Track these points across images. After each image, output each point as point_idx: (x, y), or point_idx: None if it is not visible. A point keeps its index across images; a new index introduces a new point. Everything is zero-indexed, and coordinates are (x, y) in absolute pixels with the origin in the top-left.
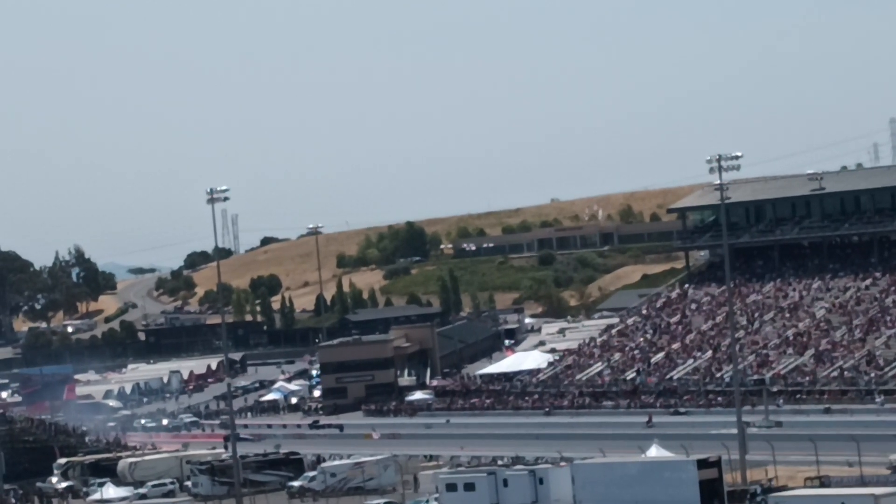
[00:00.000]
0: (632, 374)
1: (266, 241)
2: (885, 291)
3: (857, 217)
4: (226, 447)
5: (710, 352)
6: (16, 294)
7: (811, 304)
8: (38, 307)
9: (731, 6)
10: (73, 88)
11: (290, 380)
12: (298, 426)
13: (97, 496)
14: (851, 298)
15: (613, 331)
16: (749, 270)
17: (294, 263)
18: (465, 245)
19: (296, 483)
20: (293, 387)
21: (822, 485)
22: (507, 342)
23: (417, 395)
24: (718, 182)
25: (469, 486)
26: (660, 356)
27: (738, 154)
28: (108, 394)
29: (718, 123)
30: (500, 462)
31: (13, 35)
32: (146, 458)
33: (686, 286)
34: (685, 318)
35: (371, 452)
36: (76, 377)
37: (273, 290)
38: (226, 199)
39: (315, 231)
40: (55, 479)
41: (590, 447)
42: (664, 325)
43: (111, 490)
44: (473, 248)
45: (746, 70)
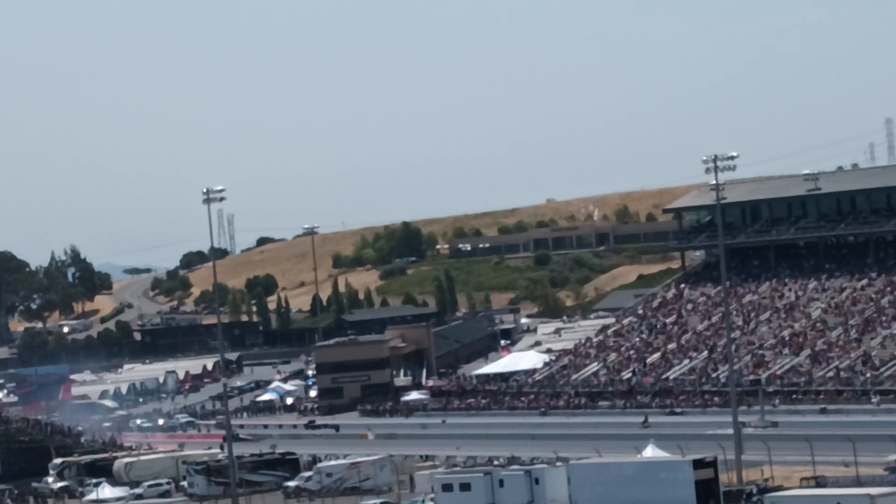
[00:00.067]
0: (628, 375)
1: (262, 242)
2: (881, 292)
3: (853, 217)
4: (221, 447)
5: (706, 352)
6: (12, 294)
7: (807, 305)
8: (34, 307)
9: (728, 7)
10: (69, 89)
11: (286, 380)
12: (294, 426)
13: (93, 496)
14: (847, 299)
15: (609, 331)
16: (745, 271)
17: (290, 263)
18: (461, 245)
19: (292, 483)
20: (289, 387)
21: (818, 485)
22: (503, 342)
23: (413, 396)
24: (714, 182)
25: (465, 487)
26: (656, 356)
27: (734, 154)
28: (104, 394)
29: (715, 124)
30: (496, 462)
31: (11, 35)
32: (142, 459)
33: (682, 286)
34: (681, 319)
35: (367, 452)
36: (72, 377)
37: (269, 291)
38: (222, 200)
39: (311, 231)
40: (51, 480)
41: (586, 447)
42: (660, 326)
43: (107, 490)
44: (469, 249)
45: (742, 71)
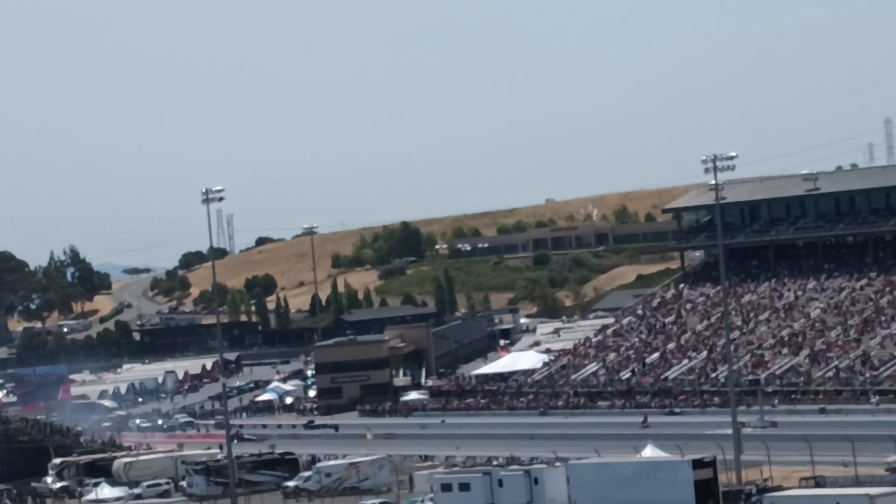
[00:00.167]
0: (627, 375)
1: (261, 242)
2: (880, 292)
3: (852, 217)
4: (221, 447)
5: (706, 352)
6: (11, 294)
7: (806, 305)
8: (33, 307)
9: (726, 7)
10: (68, 89)
11: (285, 380)
12: (293, 426)
13: (92, 496)
14: (846, 299)
15: (608, 331)
16: (744, 270)
17: (289, 263)
18: (460, 245)
19: (291, 483)
20: (288, 387)
21: (818, 485)
22: (502, 342)
23: (412, 396)
24: (713, 182)
25: (464, 487)
26: (655, 356)
27: (734, 154)
28: (103, 394)
29: (714, 124)
30: (496, 462)
31: (11, 35)
32: (141, 459)
33: (681, 286)
34: (680, 319)
35: (366, 452)
36: (71, 377)
37: (268, 291)
38: (221, 200)
39: (310, 231)
40: (50, 480)
41: (585, 447)
42: (659, 326)
43: (106, 490)
44: (468, 249)
45: (741, 71)
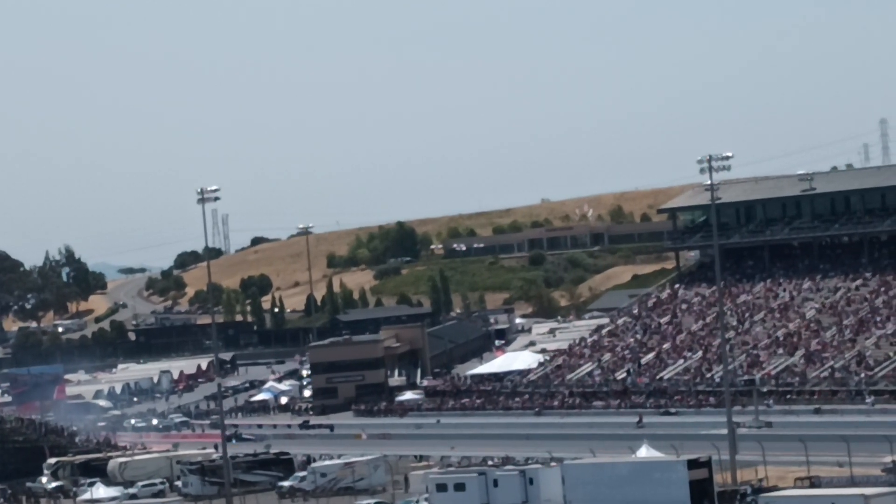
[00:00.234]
0: (622, 375)
1: (256, 241)
2: (875, 292)
3: (848, 218)
4: (216, 447)
5: (701, 352)
6: (6, 294)
7: (801, 305)
8: (29, 307)
9: (723, 8)
10: (65, 89)
11: (281, 380)
12: (289, 426)
13: (87, 496)
14: (842, 299)
15: (604, 331)
16: (739, 271)
17: (284, 263)
18: (456, 245)
19: (286, 483)
20: (283, 387)
21: (813, 485)
22: (498, 342)
23: (408, 396)
24: (709, 182)
25: (459, 487)
26: (650, 356)
27: (729, 154)
28: (98, 394)
29: (709, 124)
30: (491, 462)
31: (11, 35)
32: (136, 458)
33: (676, 286)
34: (675, 319)
35: (361, 452)
36: (66, 377)
37: (263, 290)
38: (216, 199)
39: (305, 231)
40: (45, 479)
41: (580, 447)
42: (654, 326)
43: (101, 490)
44: (464, 249)
45: (737, 71)
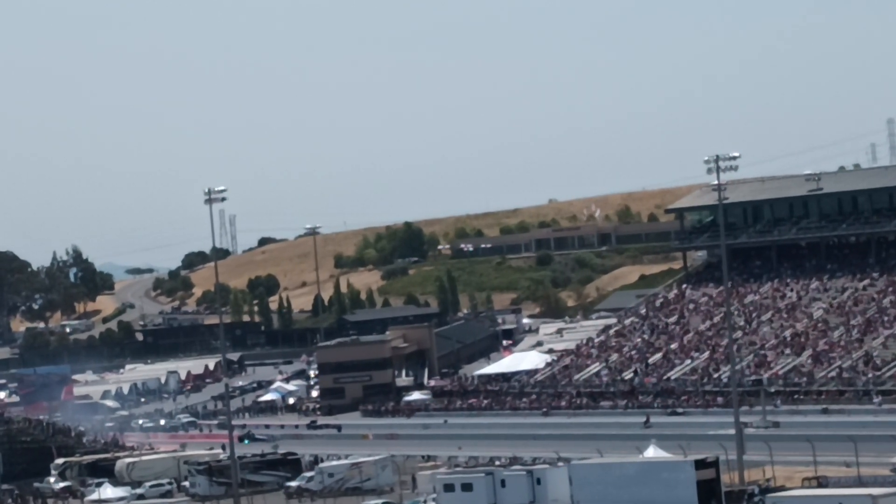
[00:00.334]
0: (629, 375)
1: (264, 242)
2: (883, 292)
3: (855, 217)
4: (224, 447)
5: (708, 352)
6: (13, 294)
7: (809, 305)
8: (36, 307)
9: (728, 7)
10: (71, 89)
11: (288, 380)
12: (296, 426)
13: (95, 496)
14: (849, 299)
15: (611, 331)
16: (747, 271)
17: (292, 264)
18: (463, 245)
19: (293, 483)
20: (291, 387)
21: (820, 485)
22: (505, 342)
23: (415, 396)
24: (716, 182)
25: (467, 487)
26: (657, 356)
27: (736, 154)
28: (106, 394)
29: (716, 124)
30: (498, 462)
31: (11, 35)
32: (144, 459)
33: (684, 286)
34: (683, 319)
35: (369, 453)
36: (74, 377)
37: (271, 291)
38: (223, 200)
39: (313, 231)
40: (53, 480)
41: (587, 447)
42: (662, 326)
43: (109, 490)
44: (471, 249)
45: (744, 71)
